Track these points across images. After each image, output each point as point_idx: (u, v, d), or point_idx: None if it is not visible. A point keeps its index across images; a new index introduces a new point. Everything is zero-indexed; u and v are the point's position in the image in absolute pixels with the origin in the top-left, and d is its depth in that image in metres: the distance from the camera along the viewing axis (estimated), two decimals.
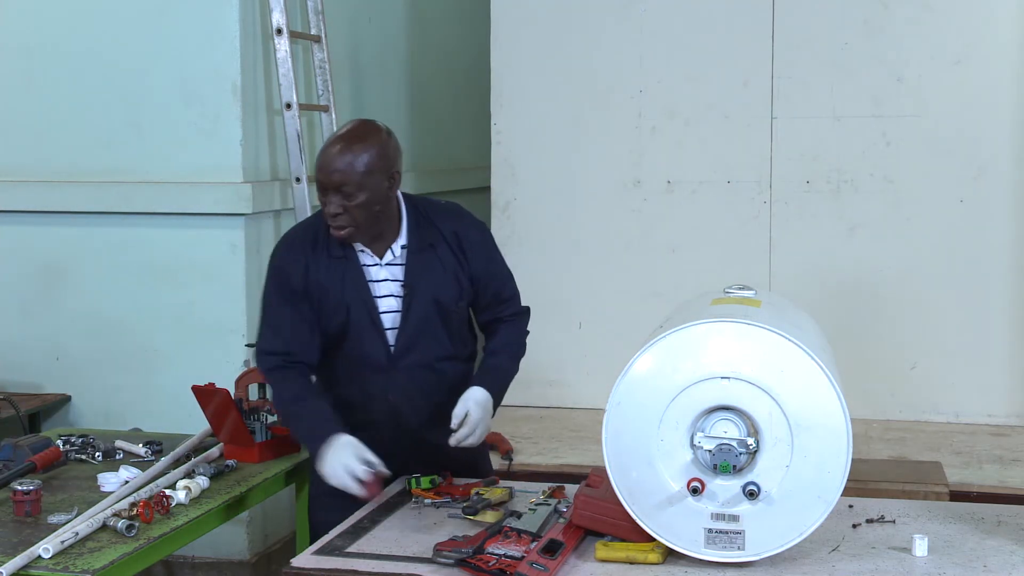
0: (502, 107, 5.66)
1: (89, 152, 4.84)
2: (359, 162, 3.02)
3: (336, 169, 3.02)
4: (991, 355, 5.24)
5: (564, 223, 5.60)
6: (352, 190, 3.02)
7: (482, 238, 3.31)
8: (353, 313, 3.16)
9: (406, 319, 3.18)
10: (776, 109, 5.38)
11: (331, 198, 3.04)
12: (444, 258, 3.20)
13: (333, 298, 3.16)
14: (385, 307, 3.18)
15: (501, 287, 3.33)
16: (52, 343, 4.93)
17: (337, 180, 3.02)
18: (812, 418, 2.53)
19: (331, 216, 3.06)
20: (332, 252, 3.16)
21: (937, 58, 5.22)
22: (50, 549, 2.72)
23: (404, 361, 3.20)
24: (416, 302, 3.17)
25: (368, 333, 3.17)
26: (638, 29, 5.48)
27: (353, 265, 3.17)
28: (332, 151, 3.05)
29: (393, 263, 3.18)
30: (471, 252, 3.24)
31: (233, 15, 4.69)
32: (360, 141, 3.06)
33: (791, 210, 5.40)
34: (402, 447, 3.24)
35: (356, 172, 3.02)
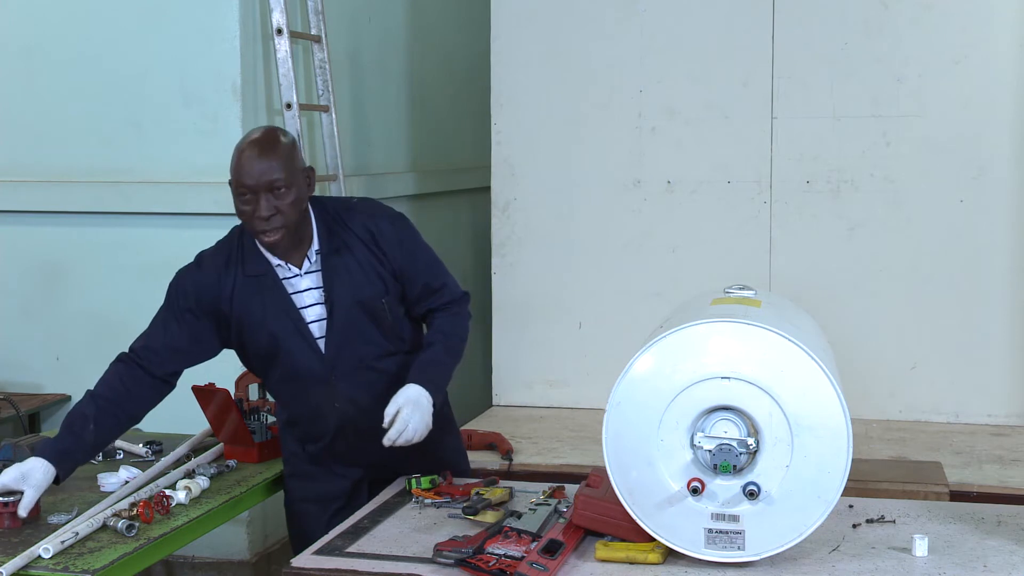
0: (502, 107, 5.65)
1: (89, 152, 4.84)
2: (283, 158, 3.03)
3: (264, 168, 3.01)
4: (991, 355, 5.24)
5: (564, 223, 5.60)
6: (283, 186, 3.01)
7: (396, 230, 3.23)
8: (279, 328, 3.15)
9: (331, 325, 3.15)
10: (776, 109, 5.37)
11: (262, 201, 3.02)
12: (360, 257, 3.16)
13: (256, 317, 3.14)
14: (313, 316, 3.16)
15: (429, 278, 3.26)
16: (52, 343, 4.93)
17: (267, 179, 3.01)
18: (812, 418, 2.53)
19: (264, 219, 3.03)
20: (248, 271, 3.15)
21: (937, 58, 5.21)
22: (50, 549, 2.72)
23: (340, 367, 3.18)
24: (338, 307, 3.15)
25: (298, 346, 3.16)
26: (638, 29, 5.48)
27: (272, 280, 3.15)
28: (253, 154, 3.04)
29: (311, 270, 3.16)
30: (388, 247, 3.18)
31: (233, 15, 4.69)
32: (274, 142, 3.07)
33: (791, 210, 5.39)
34: (367, 452, 3.23)
35: (284, 168, 3.02)
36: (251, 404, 3.64)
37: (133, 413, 3.18)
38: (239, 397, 3.64)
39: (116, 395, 3.15)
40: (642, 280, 5.51)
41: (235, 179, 3.06)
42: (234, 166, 3.06)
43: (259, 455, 3.55)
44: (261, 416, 3.61)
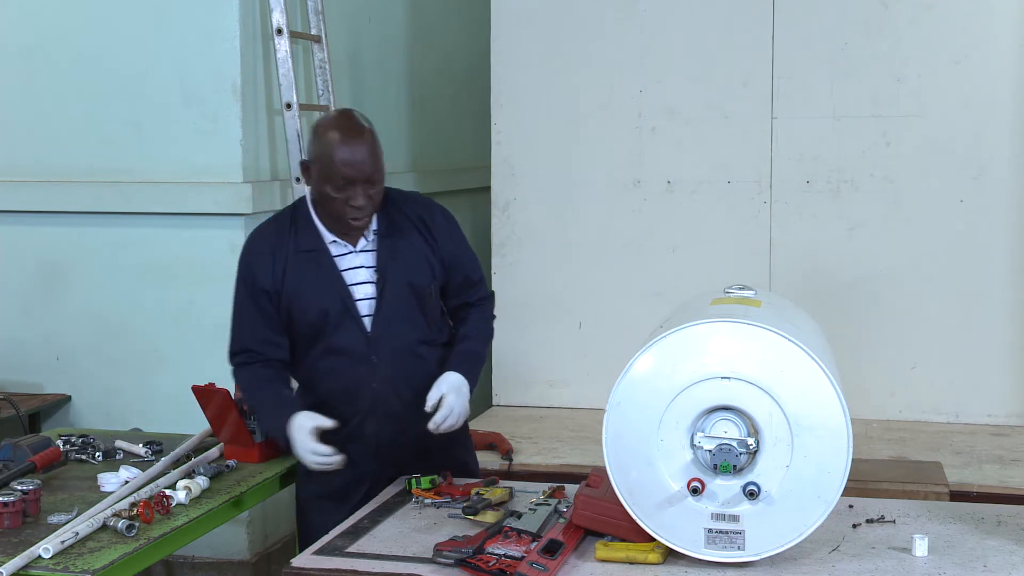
0: (502, 107, 5.66)
1: (89, 152, 4.84)
2: (378, 150, 3.11)
3: (368, 162, 3.07)
4: (991, 355, 5.24)
5: (564, 223, 5.60)
6: (378, 179, 3.10)
7: (447, 222, 3.33)
8: (328, 304, 3.18)
9: (381, 304, 3.19)
10: (776, 109, 5.38)
11: (358, 191, 3.08)
12: (414, 242, 3.23)
13: (306, 292, 3.18)
14: (361, 294, 3.20)
15: (470, 271, 3.36)
16: (52, 343, 4.93)
17: (368, 171, 3.07)
18: (812, 418, 2.53)
19: (358, 208, 3.09)
20: (301, 246, 3.19)
21: (937, 58, 5.22)
22: (50, 549, 2.72)
23: (383, 347, 3.21)
24: (389, 286, 3.19)
25: (345, 322, 3.19)
26: (638, 29, 5.49)
27: (324, 256, 3.19)
28: (356, 146, 3.07)
29: (366, 249, 3.21)
30: (439, 235, 3.27)
31: (233, 15, 4.69)
32: (371, 133, 3.12)
33: (791, 210, 5.40)
34: (389, 441, 3.25)
35: (379, 160, 3.11)
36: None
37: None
38: (239, 397, 3.63)
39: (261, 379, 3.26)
40: (642, 280, 5.51)
41: (331, 168, 3.07)
42: (332, 154, 3.07)
43: (259, 455, 3.55)
44: None
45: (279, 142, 4.93)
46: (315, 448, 3.10)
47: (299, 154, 4.85)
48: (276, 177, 4.95)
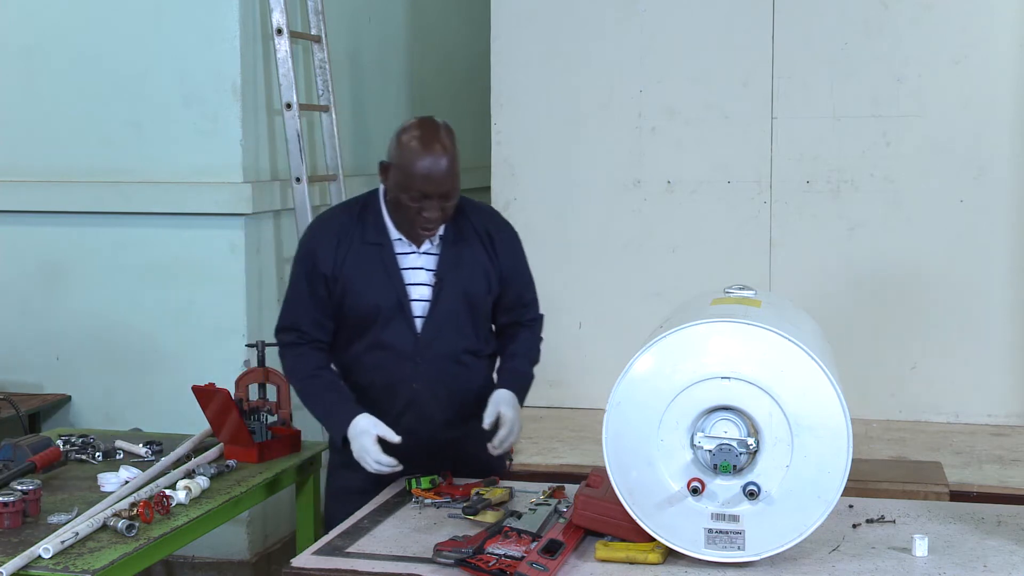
0: (502, 107, 5.66)
1: (89, 152, 4.84)
2: (457, 166, 3.14)
3: (446, 178, 3.10)
4: (991, 355, 5.24)
5: (564, 223, 5.60)
6: (453, 194, 3.13)
7: (511, 238, 3.36)
8: (384, 298, 3.20)
9: (434, 308, 3.21)
10: (776, 109, 5.38)
11: (433, 203, 3.10)
12: (476, 252, 3.26)
13: (364, 282, 3.20)
14: (416, 295, 3.22)
15: (524, 289, 3.39)
16: (52, 343, 4.92)
17: (445, 188, 3.10)
18: (812, 418, 2.53)
19: (431, 221, 3.12)
20: (367, 238, 3.22)
21: (937, 58, 5.22)
22: (50, 549, 2.72)
23: (430, 350, 3.23)
24: (445, 292, 3.22)
25: (396, 319, 3.21)
26: (638, 29, 5.48)
27: (388, 252, 3.21)
28: (437, 159, 3.09)
29: (429, 252, 3.23)
30: (501, 250, 3.30)
31: (233, 15, 4.69)
32: (452, 145, 3.14)
33: (791, 210, 5.39)
34: (422, 441, 3.24)
35: (457, 176, 3.14)
36: (251, 404, 3.65)
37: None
38: (239, 397, 3.64)
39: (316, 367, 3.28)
40: (642, 280, 5.51)
41: (410, 178, 3.08)
42: (411, 165, 3.08)
43: (259, 455, 3.55)
44: (261, 416, 3.61)
45: (279, 142, 4.93)
46: (379, 457, 3.12)
47: (299, 154, 4.85)
48: (276, 177, 4.95)
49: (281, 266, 4.98)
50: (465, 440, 3.27)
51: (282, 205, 4.92)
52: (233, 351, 4.64)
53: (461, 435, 3.24)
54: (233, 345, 4.67)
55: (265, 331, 4.77)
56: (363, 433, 3.14)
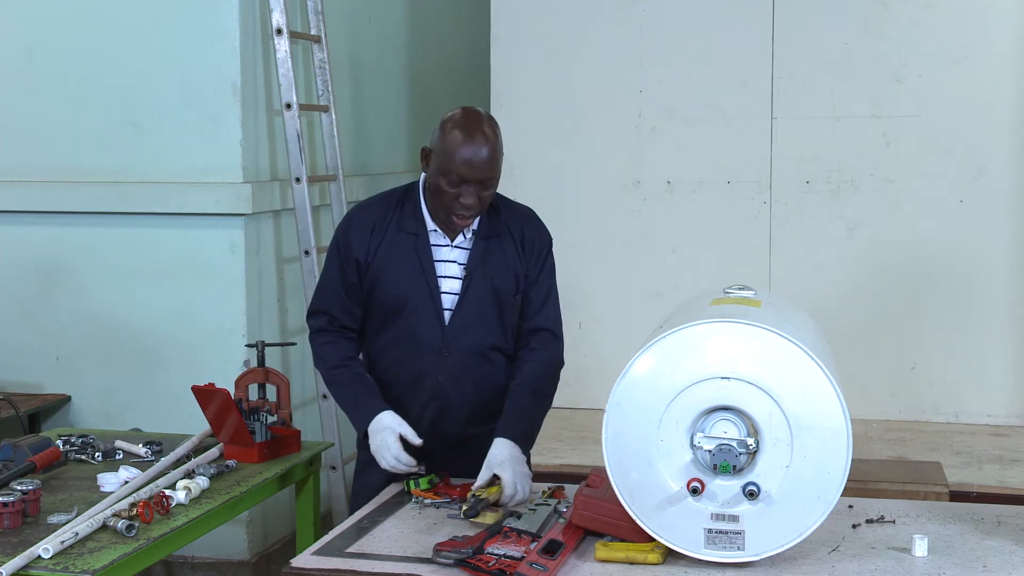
0: (502, 107, 5.66)
1: (89, 152, 4.84)
2: (500, 155, 3.13)
3: (487, 164, 3.08)
4: (991, 355, 5.25)
5: (564, 223, 5.59)
6: (492, 182, 3.12)
7: (544, 245, 3.33)
8: (414, 287, 3.20)
9: (463, 301, 3.21)
10: (776, 109, 5.38)
11: (470, 190, 3.09)
12: (507, 250, 3.25)
13: (395, 270, 3.20)
14: (446, 288, 3.22)
15: (543, 296, 3.32)
16: (52, 343, 4.92)
17: (484, 175, 3.09)
18: (812, 418, 2.53)
19: (466, 207, 3.11)
20: (404, 227, 3.22)
21: (937, 58, 5.22)
22: (50, 549, 2.72)
23: (457, 343, 3.22)
24: (475, 286, 3.22)
25: (426, 310, 3.21)
26: (638, 29, 5.49)
27: (423, 243, 3.22)
28: (479, 146, 3.08)
29: (461, 246, 3.23)
30: (530, 252, 3.29)
31: (233, 15, 4.69)
32: (494, 135, 3.12)
33: (791, 210, 5.40)
34: (442, 435, 3.25)
35: (498, 165, 3.12)
36: (251, 404, 3.64)
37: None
38: (239, 397, 3.64)
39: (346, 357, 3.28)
40: (642, 280, 5.51)
41: (450, 163, 3.08)
42: (453, 149, 3.08)
43: (259, 455, 3.55)
44: (261, 416, 3.61)
45: (279, 142, 4.93)
46: (399, 455, 3.11)
47: (299, 154, 4.86)
48: (276, 177, 4.95)
49: (281, 266, 4.98)
50: (488, 437, 3.23)
51: (282, 205, 4.92)
52: (233, 351, 4.65)
53: (485, 431, 3.21)
54: (233, 345, 4.67)
55: (265, 331, 4.78)
56: (385, 429, 3.14)
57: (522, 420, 3.18)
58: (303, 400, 5.04)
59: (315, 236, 4.93)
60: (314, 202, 4.97)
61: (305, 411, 5.05)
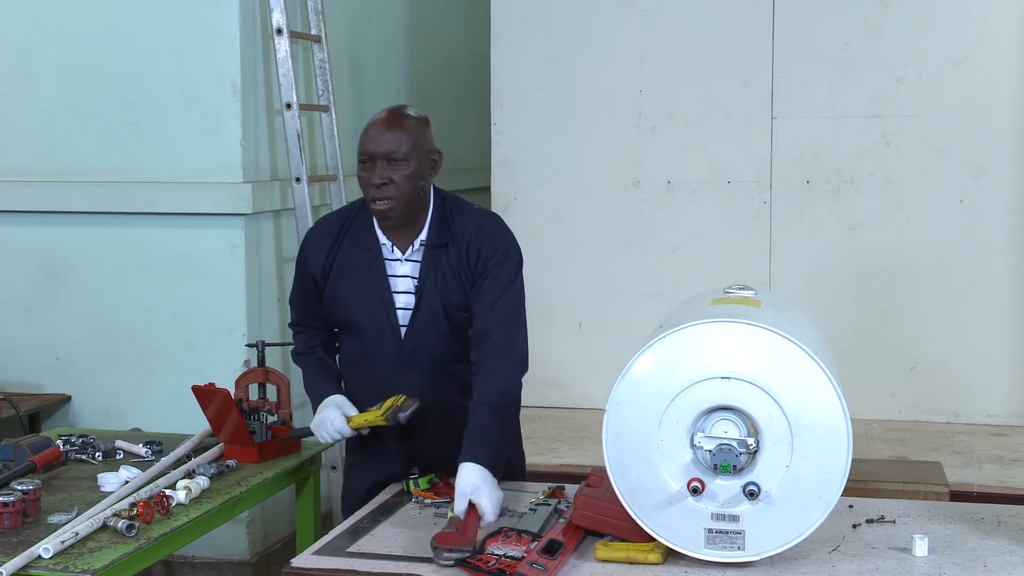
0: (502, 107, 5.66)
1: (89, 152, 4.84)
2: (406, 133, 3.11)
3: (385, 139, 3.10)
4: (991, 355, 5.25)
5: (564, 223, 5.60)
6: (399, 159, 3.08)
7: (494, 251, 3.13)
8: (369, 306, 3.17)
9: (415, 318, 3.16)
10: (776, 109, 5.38)
11: (377, 168, 3.08)
12: (452, 259, 3.14)
13: (350, 289, 3.18)
14: (401, 303, 3.18)
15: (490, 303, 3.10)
16: (52, 343, 4.92)
17: (385, 149, 3.08)
18: (812, 418, 2.53)
19: (376, 187, 3.08)
20: (360, 243, 3.19)
21: (937, 58, 5.22)
22: (50, 549, 2.72)
23: (414, 360, 3.18)
24: (424, 303, 3.15)
25: (381, 328, 3.17)
26: (638, 29, 5.49)
27: (377, 258, 3.17)
28: (379, 122, 3.15)
29: (412, 259, 3.17)
30: (476, 258, 3.13)
31: (233, 15, 4.69)
32: (401, 117, 3.16)
33: (791, 210, 5.40)
34: (417, 447, 3.23)
35: (404, 142, 3.10)
36: (251, 404, 3.64)
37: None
38: (239, 397, 3.64)
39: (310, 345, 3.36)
40: (642, 280, 5.51)
41: (359, 146, 3.15)
42: (361, 135, 3.17)
43: (259, 455, 3.55)
44: (261, 416, 3.61)
45: (279, 142, 4.93)
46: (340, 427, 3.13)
47: (299, 154, 4.85)
48: (276, 177, 4.95)
49: (281, 266, 4.98)
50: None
51: (282, 205, 4.91)
52: (233, 351, 4.64)
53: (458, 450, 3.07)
54: (233, 345, 4.67)
55: (265, 331, 4.78)
56: (330, 404, 3.18)
57: (486, 441, 2.96)
58: (303, 400, 5.01)
59: None
60: (314, 202, 4.97)
61: (305, 411, 5.02)
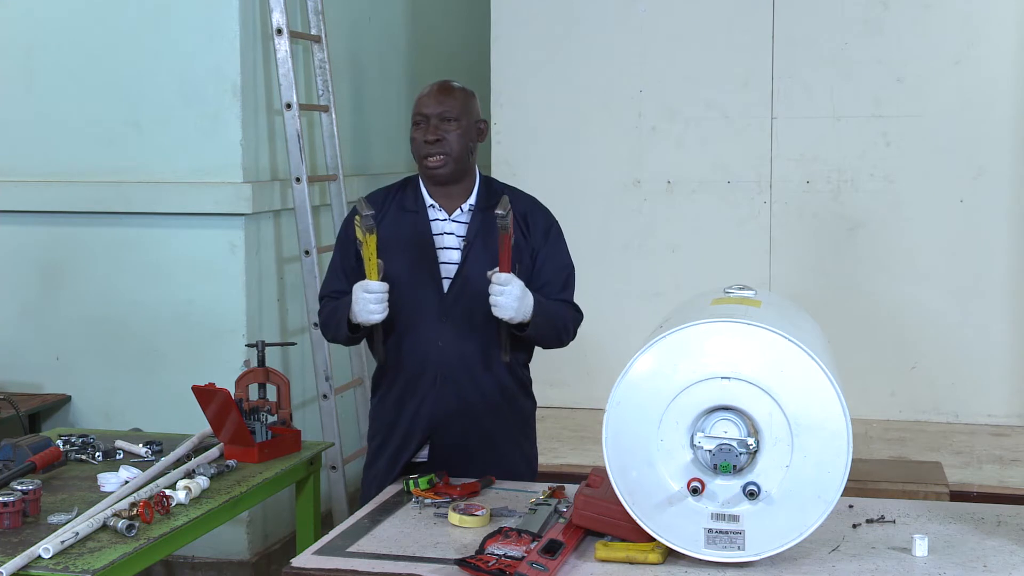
0: (502, 107, 5.66)
1: (89, 152, 4.84)
2: (458, 100, 3.33)
3: (439, 101, 3.31)
4: (991, 355, 5.25)
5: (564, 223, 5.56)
6: (452, 118, 3.29)
7: (548, 223, 3.44)
8: (413, 258, 3.29)
9: (461, 270, 3.29)
10: (776, 109, 5.38)
11: (431, 126, 3.29)
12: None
13: (395, 244, 3.29)
14: (445, 259, 3.31)
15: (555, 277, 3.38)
16: (52, 343, 4.92)
17: (439, 110, 3.29)
18: (812, 418, 2.53)
19: (429, 143, 3.29)
20: (405, 206, 3.37)
21: (937, 58, 5.22)
22: (50, 549, 2.72)
23: (456, 309, 3.28)
24: (474, 254, 3.29)
25: (424, 280, 3.29)
26: (638, 29, 5.49)
27: (422, 218, 3.35)
28: (433, 88, 3.36)
29: (459, 220, 3.34)
30: (535, 229, 3.38)
31: (233, 15, 4.69)
32: (453, 87, 3.38)
33: (791, 210, 5.40)
34: (448, 410, 3.29)
35: (456, 107, 3.31)
36: (251, 404, 3.64)
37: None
38: (239, 397, 3.64)
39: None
40: (642, 280, 5.51)
41: (414, 110, 3.36)
42: (415, 102, 3.37)
43: (259, 455, 3.55)
44: (261, 416, 3.61)
45: (279, 142, 4.93)
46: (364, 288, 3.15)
47: (299, 154, 4.86)
48: (276, 177, 4.95)
49: (281, 266, 4.98)
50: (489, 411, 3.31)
51: (282, 205, 4.91)
52: (233, 351, 4.64)
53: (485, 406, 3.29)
54: (233, 345, 4.67)
55: (265, 331, 4.78)
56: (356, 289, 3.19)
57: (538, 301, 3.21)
58: (303, 400, 5.04)
59: (315, 236, 4.93)
60: (314, 202, 4.98)
61: (305, 411, 5.05)
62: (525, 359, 3.46)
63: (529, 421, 3.50)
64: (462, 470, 3.26)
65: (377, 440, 3.42)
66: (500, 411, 3.35)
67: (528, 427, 3.50)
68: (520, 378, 3.43)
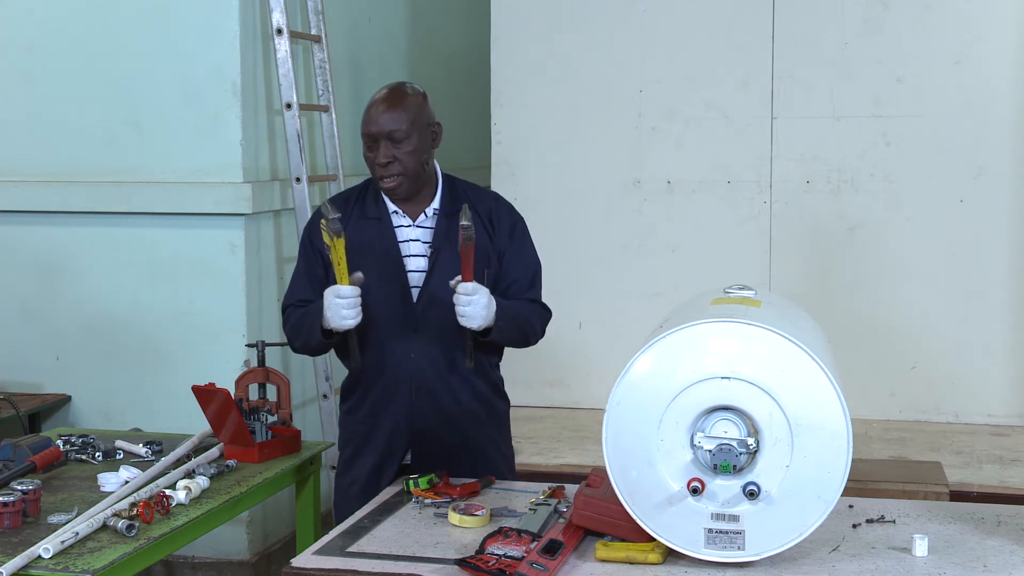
0: (502, 107, 5.66)
1: (89, 152, 4.84)
2: (406, 111, 3.21)
3: (386, 119, 3.20)
4: (991, 355, 5.25)
5: (564, 223, 5.61)
6: (402, 137, 3.19)
7: (513, 220, 3.37)
8: (380, 269, 3.24)
9: (430, 277, 3.24)
10: (776, 109, 5.38)
11: (381, 148, 3.21)
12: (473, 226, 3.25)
13: (360, 255, 3.22)
14: (412, 266, 3.27)
15: (522, 275, 3.35)
16: (52, 343, 4.92)
17: (387, 129, 3.19)
18: (812, 418, 2.53)
19: (382, 166, 3.22)
20: (367, 213, 3.31)
21: (937, 58, 5.22)
22: (50, 549, 2.72)
23: (426, 320, 3.24)
24: (441, 261, 3.24)
25: (392, 289, 3.24)
26: (638, 29, 5.49)
27: (385, 225, 3.29)
28: (378, 102, 3.24)
29: (424, 225, 3.29)
30: (499, 227, 3.32)
31: (233, 15, 4.69)
32: (400, 95, 3.25)
33: (791, 210, 5.40)
34: (422, 417, 3.28)
35: (405, 120, 3.20)
36: (251, 404, 3.64)
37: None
38: (239, 397, 3.64)
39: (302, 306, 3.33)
40: (642, 280, 5.51)
41: (362, 127, 3.26)
42: (363, 117, 3.26)
43: (259, 455, 3.55)
44: (261, 416, 3.61)
45: (279, 142, 4.93)
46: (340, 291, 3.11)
47: (299, 154, 4.86)
48: (276, 177, 4.95)
49: (281, 266, 4.98)
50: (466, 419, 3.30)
51: (282, 205, 4.92)
52: (233, 351, 4.64)
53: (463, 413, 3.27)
54: (233, 345, 4.67)
55: (265, 331, 4.78)
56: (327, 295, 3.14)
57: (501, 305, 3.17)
58: (303, 400, 5.04)
59: None
60: (314, 202, 4.97)
61: (305, 411, 5.05)
62: (496, 360, 3.45)
63: (504, 421, 3.50)
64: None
65: (350, 449, 3.39)
66: (478, 416, 3.34)
67: (504, 427, 3.50)
68: (493, 380, 3.42)
